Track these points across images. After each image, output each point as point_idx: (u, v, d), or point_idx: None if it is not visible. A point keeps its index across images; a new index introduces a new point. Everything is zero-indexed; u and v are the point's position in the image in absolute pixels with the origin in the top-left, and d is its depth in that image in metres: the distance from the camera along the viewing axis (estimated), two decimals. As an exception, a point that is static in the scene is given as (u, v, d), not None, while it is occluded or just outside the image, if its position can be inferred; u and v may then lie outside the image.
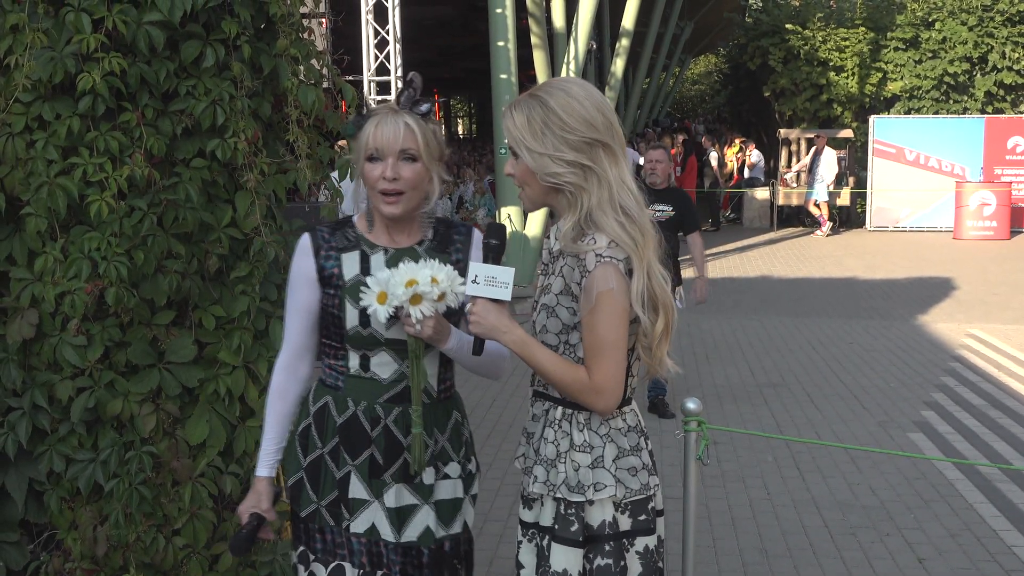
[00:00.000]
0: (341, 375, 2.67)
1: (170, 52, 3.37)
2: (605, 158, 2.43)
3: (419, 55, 24.78)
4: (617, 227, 2.40)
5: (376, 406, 2.64)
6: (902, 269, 15.06)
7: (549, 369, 2.44)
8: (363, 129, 2.60)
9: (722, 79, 33.37)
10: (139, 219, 3.28)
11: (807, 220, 20.45)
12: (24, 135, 3.29)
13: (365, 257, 2.65)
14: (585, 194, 2.42)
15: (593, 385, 2.41)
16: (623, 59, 17.35)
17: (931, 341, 10.19)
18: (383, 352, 2.63)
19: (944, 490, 5.95)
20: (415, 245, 2.69)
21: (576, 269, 2.42)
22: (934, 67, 20.56)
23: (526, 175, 2.48)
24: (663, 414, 7.50)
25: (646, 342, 2.48)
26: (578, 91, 2.44)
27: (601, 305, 2.37)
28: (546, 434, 2.51)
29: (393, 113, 2.60)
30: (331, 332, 2.66)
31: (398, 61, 13.94)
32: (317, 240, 2.67)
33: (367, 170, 2.60)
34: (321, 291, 2.65)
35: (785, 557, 5.03)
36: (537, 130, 2.42)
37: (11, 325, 3.33)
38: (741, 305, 12.36)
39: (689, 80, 49.19)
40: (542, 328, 2.48)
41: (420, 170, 2.59)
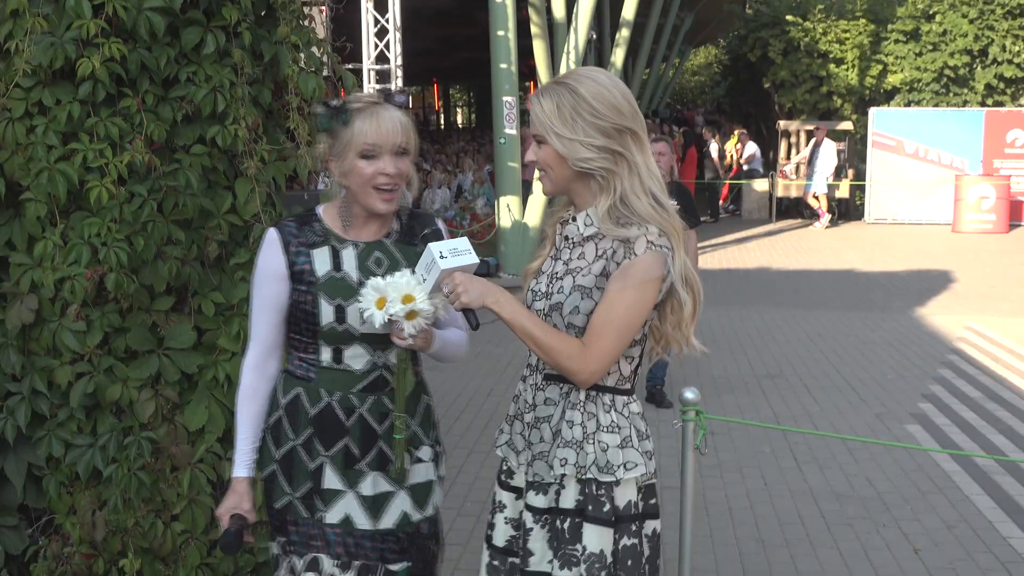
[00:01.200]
0: (313, 367, 2.65)
1: (170, 38, 3.37)
2: (633, 144, 2.47)
3: (419, 44, 24.74)
4: (653, 212, 2.46)
5: (351, 396, 2.64)
6: (900, 262, 15.06)
7: (536, 332, 2.43)
8: (351, 124, 2.54)
9: (722, 70, 33.33)
10: (139, 205, 3.28)
11: (806, 212, 20.44)
12: (24, 120, 3.28)
13: (336, 252, 2.63)
14: (617, 178, 2.46)
15: (587, 354, 2.42)
16: (623, 49, 17.31)
17: (929, 333, 10.20)
18: (356, 345, 2.62)
19: (941, 481, 5.96)
20: (383, 238, 2.68)
21: (620, 251, 2.44)
22: (934, 60, 20.54)
23: (552, 160, 2.50)
24: (660, 404, 7.51)
25: (674, 320, 2.51)
26: (605, 79, 2.49)
27: (638, 290, 2.41)
28: (570, 416, 2.50)
29: (381, 107, 2.57)
30: (302, 328, 2.64)
31: (398, 50, 13.93)
32: (285, 235, 2.63)
33: (360, 166, 2.55)
34: (291, 286, 2.62)
35: (782, 547, 5.04)
36: (567, 116, 2.45)
37: (10, 310, 3.33)
38: (739, 297, 12.37)
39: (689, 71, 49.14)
40: (572, 309, 2.47)
41: (409, 164, 2.59)
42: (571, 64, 14.54)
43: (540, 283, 2.59)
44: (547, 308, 2.52)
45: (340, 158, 2.58)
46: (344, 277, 2.61)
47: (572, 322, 2.47)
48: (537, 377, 2.59)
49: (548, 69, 14.35)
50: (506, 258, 12.96)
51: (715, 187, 21.52)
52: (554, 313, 2.49)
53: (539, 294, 2.57)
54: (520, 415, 2.63)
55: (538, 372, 2.59)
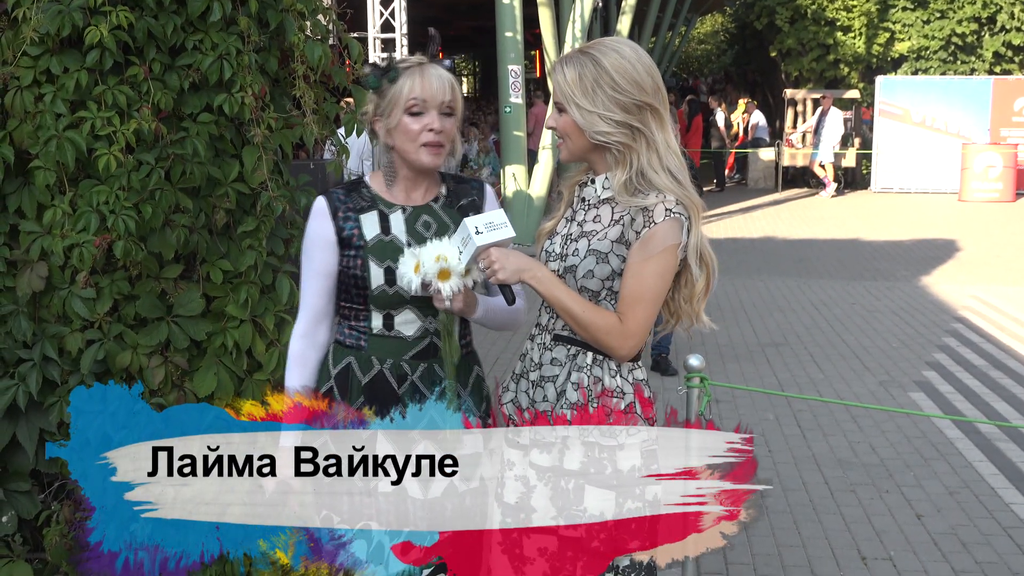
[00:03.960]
0: (363, 335, 2.67)
1: (177, 6, 3.36)
2: (653, 121, 2.47)
3: (424, 13, 24.58)
4: (671, 186, 2.46)
5: (402, 363, 2.65)
6: (906, 231, 15.06)
7: (575, 308, 2.46)
8: (398, 81, 2.57)
9: (728, 39, 33.13)
10: (147, 173, 3.29)
11: (812, 181, 20.41)
12: (32, 89, 3.29)
13: (384, 216, 2.66)
14: (634, 153, 2.47)
15: (625, 329, 2.45)
16: (629, 17, 17.21)
17: (934, 302, 10.22)
18: (407, 310, 2.64)
19: (944, 448, 6.00)
20: (431, 202, 2.71)
21: (639, 219, 2.45)
22: (942, 27, 20.43)
23: (570, 129, 2.51)
24: (665, 372, 7.54)
25: (687, 294, 2.54)
26: (630, 53, 2.48)
27: (662, 258, 2.43)
28: (575, 379, 2.52)
29: (428, 65, 2.59)
30: (352, 294, 2.66)
31: (403, 18, 13.87)
32: (333, 202, 2.66)
33: (407, 123, 2.57)
34: (340, 253, 2.65)
35: (785, 513, 5.08)
36: (588, 87, 2.45)
37: (21, 278, 3.35)
38: (744, 265, 12.38)
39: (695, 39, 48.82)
40: (587, 273, 2.48)
41: (455, 127, 2.62)
42: (576, 33, 14.46)
43: (554, 244, 2.60)
44: (561, 270, 2.53)
45: (386, 116, 2.61)
46: (393, 240, 2.64)
47: (585, 285, 2.49)
48: (545, 337, 2.61)
49: (553, 37, 14.27)
50: (512, 227, 12.91)
51: (721, 156, 21.46)
52: (568, 276, 2.51)
53: (553, 255, 2.58)
54: (526, 373, 2.64)
55: (547, 332, 2.61)
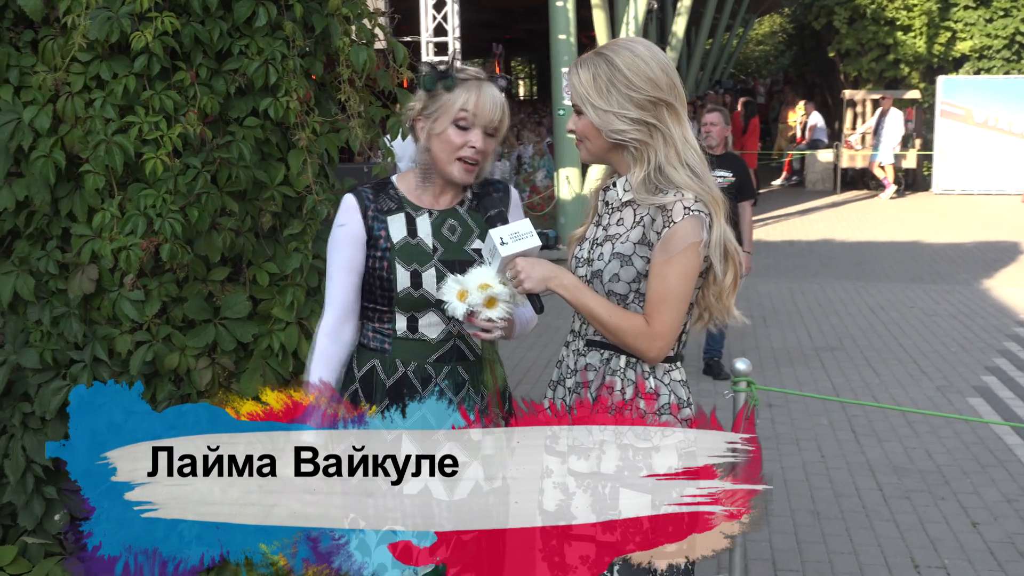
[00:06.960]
0: (387, 337, 2.69)
1: (223, 12, 3.40)
2: (669, 117, 2.48)
3: (478, 16, 24.64)
4: (690, 182, 2.46)
5: (426, 366, 2.67)
6: (968, 233, 14.78)
7: (602, 313, 2.46)
8: (454, 92, 2.59)
9: (786, 40, 32.82)
10: (193, 177, 3.34)
11: (871, 183, 20.11)
12: (83, 94, 3.35)
13: (411, 219, 2.67)
14: (651, 150, 2.47)
15: (652, 331, 2.44)
16: (685, 19, 17.09)
17: (995, 306, 10.01)
18: (432, 313, 2.65)
19: (1002, 455, 5.87)
20: (456, 206, 2.72)
21: (659, 219, 2.44)
22: (1005, 26, 20.04)
23: (588, 130, 2.53)
24: (718, 375, 7.47)
25: (715, 291, 2.53)
26: (643, 50, 2.49)
27: (683, 257, 2.42)
28: (609, 382, 2.52)
29: (485, 83, 2.61)
30: (376, 295, 2.67)
31: (456, 22, 13.90)
32: (363, 201, 2.68)
33: (452, 134, 2.59)
34: (367, 252, 2.67)
35: (837, 520, 5.01)
36: (602, 87, 2.47)
37: (72, 280, 3.41)
38: (801, 268, 12.24)
39: (753, 41, 48.42)
40: (612, 276, 2.49)
41: (494, 146, 2.64)
42: (630, 35, 14.41)
43: (583, 249, 2.61)
44: (589, 275, 2.53)
45: (432, 120, 2.62)
46: (419, 243, 2.66)
47: (613, 289, 2.49)
48: (579, 343, 2.61)
49: (608, 40, 14.24)
50: (566, 230, 12.93)
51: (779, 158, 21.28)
52: (595, 280, 2.51)
53: (581, 260, 2.59)
54: (562, 380, 2.65)
55: (580, 338, 2.61)
